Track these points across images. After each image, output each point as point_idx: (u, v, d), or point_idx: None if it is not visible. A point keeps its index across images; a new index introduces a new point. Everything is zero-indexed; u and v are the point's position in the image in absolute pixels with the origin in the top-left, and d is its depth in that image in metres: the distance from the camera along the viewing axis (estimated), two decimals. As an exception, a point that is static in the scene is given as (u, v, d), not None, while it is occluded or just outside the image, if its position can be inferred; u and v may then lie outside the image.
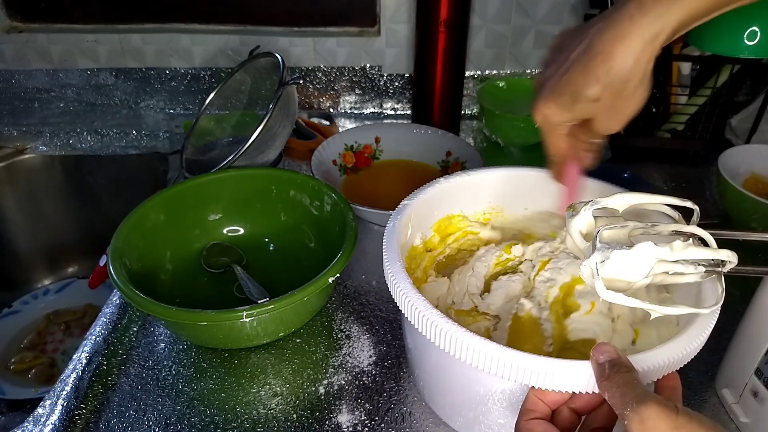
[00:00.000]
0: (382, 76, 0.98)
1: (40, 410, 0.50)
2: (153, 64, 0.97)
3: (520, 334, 0.46)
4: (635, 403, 0.30)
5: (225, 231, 0.70)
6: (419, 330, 0.40)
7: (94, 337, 0.57)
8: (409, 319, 0.40)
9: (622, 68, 0.38)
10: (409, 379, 0.54)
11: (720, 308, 0.39)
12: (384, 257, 0.44)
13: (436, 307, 0.40)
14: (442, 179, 0.53)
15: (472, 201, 0.57)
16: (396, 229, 0.46)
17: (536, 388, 0.36)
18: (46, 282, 0.99)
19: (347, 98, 1.00)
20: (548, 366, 0.35)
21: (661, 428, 0.29)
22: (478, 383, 0.42)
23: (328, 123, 0.96)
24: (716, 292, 0.41)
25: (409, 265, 0.51)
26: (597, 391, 0.35)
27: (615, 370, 0.33)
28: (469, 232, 0.56)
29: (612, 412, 0.37)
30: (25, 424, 0.49)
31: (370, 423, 0.50)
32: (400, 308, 0.42)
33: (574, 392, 0.36)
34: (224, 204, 0.69)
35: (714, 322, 0.39)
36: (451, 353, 0.38)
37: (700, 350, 0.38)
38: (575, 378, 0.35)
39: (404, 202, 0.49)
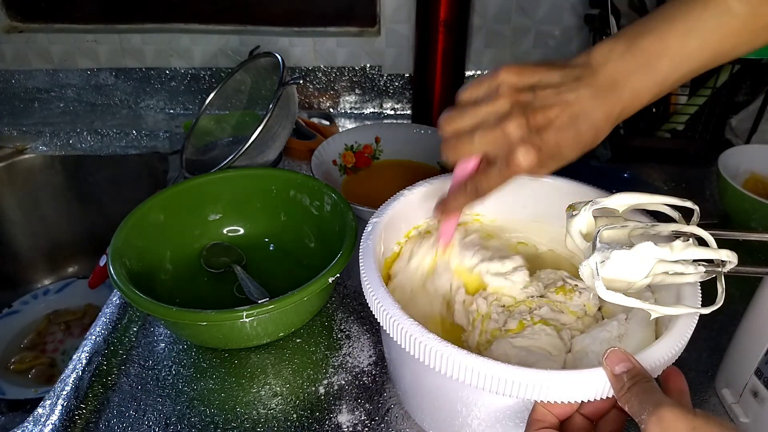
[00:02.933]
0: (382, 76, 0.98)
1: (40, 410, 0.50)
2: (153, 64, 0.97)
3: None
4: (652, 406, 0.30)
5: (225, 231, 0.70)
6: (413, 354, 0.39)
7: (94, 337, 0.57)
8: (396, 340, 0.40)
9: (599, 141, 0.40)
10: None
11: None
12: (362, 275, 0.44)
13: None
14: (405, 191, 0.52)
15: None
16: (370, 246, 0.46)
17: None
18: (46, 282, 0.99)
19: (347, 98, 1.00)
20: (546, 379, 0.34)
21: (678, 428, 0.29)
22: (458, 401, 0.42)
23: (328, 123, 0.96)
24: (696, 292, 0.41)
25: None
26: (598, 398, 0.35)
27: (634, 381, 0.33)
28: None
29: (620, 415, 0.37)
30: (25, 424, 0.49)
31: (370, 423, 0.50)
32: (383, 327, 0.41)
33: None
34: (224, 204, 0.69)
35: (695, 323, 0.39)
36: (443, 372, 0.37)
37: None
38: (574, 389, 0.35)
39: (373, 219, 0.49)
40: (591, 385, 0.35)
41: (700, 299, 0.41)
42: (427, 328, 0.38)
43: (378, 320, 0.41)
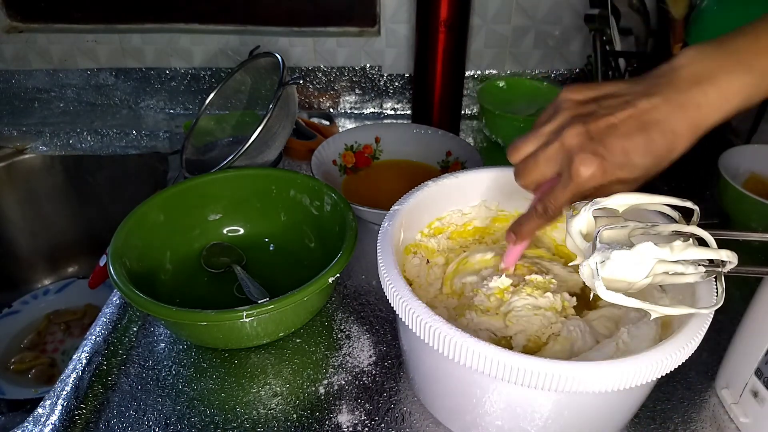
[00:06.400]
0: (382, 76, 0.98)
1: (40, 410, 0.50)
2: (153, 64, 0.97)
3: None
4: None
5: (225, 231, 0.69)
6: (416, 333, 0.40)
7: (94, 337, 0.57)
8: (405, 322, 0.41)
9: (680, 152, 0.37)
10: (408, 379, 0.54)
11: (720, 308, 0.39)
12: (379, 260, 0.44)
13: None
14: (430, 182, 0.53)
15: (463, 202, 0.57)
16: (389, 233, 0.47)
17: None
18: (46, 282, 0.99)
19: (347, 98, 1.00)
20: (556, 369, 0.35)
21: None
22: (474, 385, 0.42)
23: (328, 123, 0.96)
24: (711, 293, 0.41)
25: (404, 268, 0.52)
26: (612, 390, 0.36)
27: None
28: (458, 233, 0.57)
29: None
30: (25, 424, 0.49)
31: (370, 423, 0.50)
32: (396, 311, 0.42)
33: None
34: (224, 204, 0.69)
35: (709, 322, 0.39)
36: (451, 357, 0.38)
37: (701, 350, 0.38)
38: (588, 380, 0.35)
39: (395, 207, 0.50)
40: (607, 377, 0.35)
41: (715, 299, 0.40)
42: (435, 310, 0.39)
43: (391, 304, 0.42)
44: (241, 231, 0.70)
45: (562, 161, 0.39)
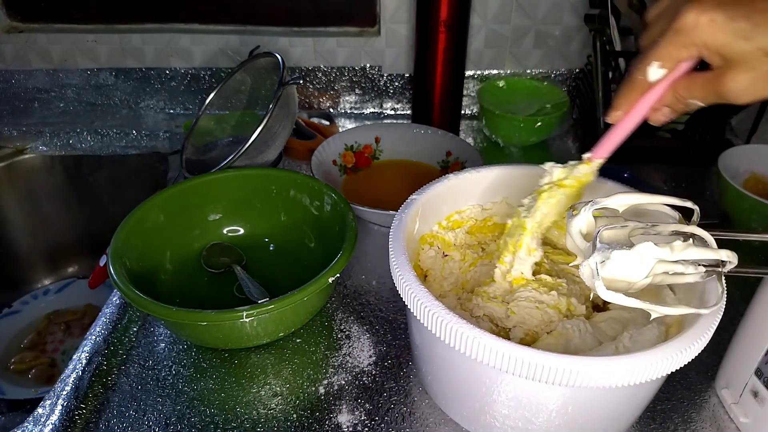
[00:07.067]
0: (382, 76, 0.98)
1: (40, 410, 0.50)
2: (153, 64, 0.97)
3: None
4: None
5: (225, 231, 0.70)
6: (427, 327, 0.40)
7: (94, 337, 0.57)
8: (416, 316, 0.41)
9: None
10: (409, 379, 0.54)
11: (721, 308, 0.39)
12: (390, 251, 0.45)
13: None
14: (451, 175, 0.54)
15: (484, 197, 0.57)
16: (403, 221, 0.47)
17: None
18: (46, 282, 0.99)
19: (347, 98, 1.00)
20: (561, 363, 0.35)
21: None
22: (484, 375, 0.42)
23: (328, 123, 0.96)
24: (717, 293, 0.41)
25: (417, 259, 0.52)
26: (636, 383, 0.36)
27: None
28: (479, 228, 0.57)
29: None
30: (25, 424, 0.49)
31: (370, 423, 0.50)
32: (406, 303, 0.42)
33: None
34: (224, 204, 0.69)
35: (717, 323, 0.39)
36: (458, 349, 0.38)
37: (700, 350, 0.39)
38: (594, 374, 0.35)
39: (413, 196, 0.50)
40: (612, 372, 0.35)
41: (725, 299, 0.40)
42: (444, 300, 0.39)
43: (400, 294, 0.42)
44: (241, 231, 0.70)
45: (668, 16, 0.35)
